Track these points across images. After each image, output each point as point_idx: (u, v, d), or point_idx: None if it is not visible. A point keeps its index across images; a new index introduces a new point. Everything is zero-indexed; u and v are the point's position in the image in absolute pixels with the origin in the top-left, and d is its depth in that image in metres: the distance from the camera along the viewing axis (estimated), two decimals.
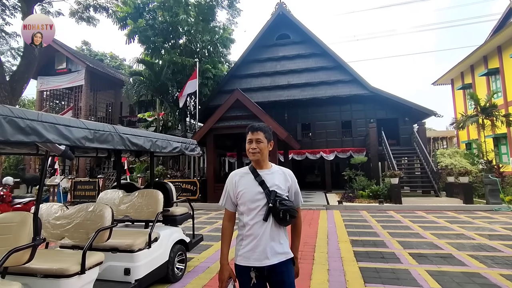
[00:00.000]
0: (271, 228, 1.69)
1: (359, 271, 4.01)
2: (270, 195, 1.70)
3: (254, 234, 1.69)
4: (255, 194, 1.73)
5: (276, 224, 1.70)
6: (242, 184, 1.78)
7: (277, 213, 1.66)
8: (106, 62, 28.72)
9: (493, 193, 9.75)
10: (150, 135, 3.45)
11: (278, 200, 1.69)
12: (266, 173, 1.79)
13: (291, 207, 1.70)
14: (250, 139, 1.83)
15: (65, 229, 2.84)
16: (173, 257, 3.67)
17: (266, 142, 1.82)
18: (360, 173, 13.42)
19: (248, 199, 1.73)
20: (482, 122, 12.54)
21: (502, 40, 15.90)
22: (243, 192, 1.75)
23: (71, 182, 13.31)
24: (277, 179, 1.78)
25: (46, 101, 19.28)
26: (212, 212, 10.20)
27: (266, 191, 1.72)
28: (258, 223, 1.69)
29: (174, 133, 17.52)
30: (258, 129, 1.84)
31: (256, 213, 1.71)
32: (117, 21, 15.79)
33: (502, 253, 4.73)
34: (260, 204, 1.71)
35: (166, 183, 4.38)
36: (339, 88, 15.73)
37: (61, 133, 2.13)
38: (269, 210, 1.68)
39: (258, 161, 1.81)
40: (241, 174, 1.84)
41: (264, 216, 1.68)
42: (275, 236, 1.70)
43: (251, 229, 1.70)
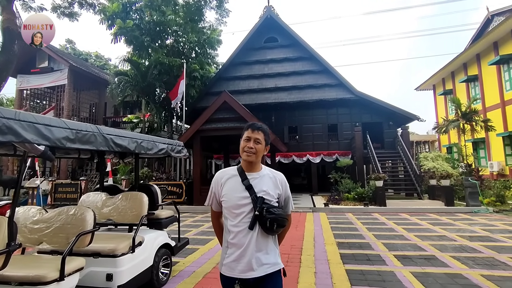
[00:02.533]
0: (257, 238, 1.56)
1: (346, 274, 4.03)
2: (257, 202, 1.56)
3: (239, 243, 1.56)
4: (240, 199, 1.59)
5: (262, 233, 1.57)
6: (227, 186, 1.65)
7: (264, 222, 1.53)
8: (90, 62, 28.05)
9: (473, 195, 10.08)
10: (135, 136, 3.36)
11: (266, 207, 1.55)
12: (254, 177, 1.65)
13: (280, 215, 1.56)
14: (248, 137, 1.67)
15: (43, 234, 2.71)
16: (157, 261, 3.57)
17: (264, 144, 1.69)
18: (346, 175, 13.60)
19: (232, 204, 1.60)
20: (463, 127, 12.97)
21: (481, 48, 16.57)
22: (228, 195, 1.62)
23: (51, 184, 12.86)
24: (265, 184, 1.64)
25: (26, 101, 18.60)
26: (198, 215, 10.06)
27: (253, 196, 1.58)
28: (243, 232, 1.56)
29: (160, 134, 17.25)
30: (259, 128, 1.69)
31: (240, 219, 1.58)
32: (103, 20, 15.45)
33: (482, 254, 4.87)
34: (245, 211, 1.58)
35: (151, 185, 4.28)
36: (325, 92, 15.93)
37: (40, 133, 2.02)
38: (255, 218, 1.55)
39: (251, 163, 1.67)
40: (228, 176, 1.69)
41: (250, 224, 1.55)
42: (261, 246, 1.57)
43: (235, 238, 1.57)
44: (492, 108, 15.82)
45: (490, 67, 15.83)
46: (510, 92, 14.61)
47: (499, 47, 15.35)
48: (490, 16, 17.67)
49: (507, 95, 14.78)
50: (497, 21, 16.48)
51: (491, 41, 15.60)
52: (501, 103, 15.08)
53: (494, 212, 9.42)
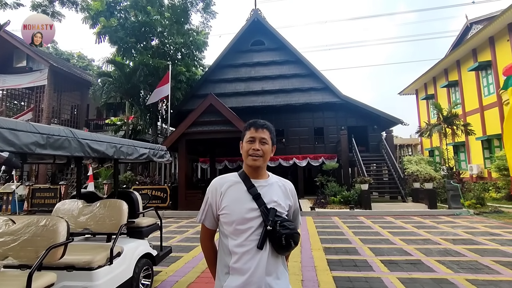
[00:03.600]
0: (268, 259, 1.27)
1: (333, 281, 3.96)
2: (268, 215, 1.29)
3: (244, 268, 1.25)
4: (246, 212, 1.30)
5: (273, 252, 1.29)
6: (229, 196, 1.34)
7: (278, 238, 1.25)
8: (73, 62, 27.22)
9: (455, 198, 10.30)
10: (114, 140, 3.19)
11: (279, 221, 1.28)
12: (262, 185, 1.38)
13: (295, 231, 1.29)
14: (252, 137, 1.39)
15: (8, 247, 2.49)
16: (138, 272, 3.39)
17: (270, 144, 1.42)
18: (331, 179, 13.67)
19: (237, 218, 1.30)
20: (445, 131, 13.30)
21: (461, 55, 17.12)
22: (230, 208, 1.32)
23: (29, 189, 12.31)
24: (275, 194, 1.38)
25: (1, 101, 17.80)
26: (183, 220, 9.83)
27: (262, 208, 1.30)
28: (250, 252, 1.26)
29: (145, 137, 16.90)
30: (264, 126, 1.41)
31: (246, 237, 1.28)
32: (87, 19, 15.01)
33: (466, 257, 4.92)
34: (253, 226, 1.29)
35: (132, 192, 4.09)
36: (312, 95, 16.02)
37: (4, 138, 1.85)
38: (265, 234, 1.27)
39: (257, 169, 1.39)
40: (229, 183, 1.38)
41: (259, 243, 1.26)
42: (271, 269, 1.28)
43: (240, 261, 1.26)
44: (472, 112, 16.34)
45: (470, 73, 16.37)
46: (488, 97, 15.13)
47: (477, 54, 15.90)
48: (469, 24, 18.32)
49: (486, 100, 15.29)
50: (476, 29, 17.09)
51: (470, 48, 16.15)
52: (479, 108, 15.60)
53: (475, 214, 9.65)
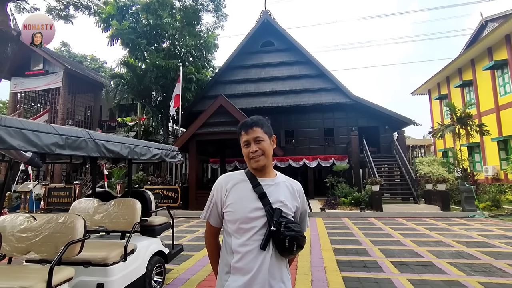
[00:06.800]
0: (271, 261, 1.23)
1: (342, 281, 3.97)
2: (273, 215, 1.25)
3: (246, 268, 1.22)
4: (251, 211, 1.27)
5: (276, 254, 1.25)
6: (234, 194, 1.32)
7: (281, 240, 1.22)
8: (86, 64, 27.92)
9: (468, 200, 10.09)
10: (128, 141, 3.29)
11: (284, 222, 1.24)
12: (268, 183, 1.34)
13: (300, 234, 1.25)
14: (246, 140, 1.36)
15: (31, 243, 2.62)
16: (150, 270, 3.49)
17: (267, 138, 1.38)
18: (342, 180, 13.57)
19: (241, 216, 1.27)
20: (458, 132, 13.03)
21: (475, 54, 16.74)
22: (235, 206, 1.30)
23: (45, 188, 12.69)
24: (282, 194, 1.34)
25: (20, 103, 18.40)
26: (193, 220, 9.96)
27: (267, 208, 1.27)
28: (253, 252, 1.23)
29: (156, 138, 17.17)
30: (252, 124, 1.37)
31: (249, 237, 1.25)
32: (99, 23, 15.39)
33: (479, 260, 4.84)
34: (257, 226, 1.26)
35: (145, 191, 4.20)
36: (322, 96, 15.94)
37: (27, 139, 1.96)
38: (269, 235, 1.24)
39: (263, 167, 1.36)
40: (235, 181, 1.36)
41: (262, 243, 1.22)
42: (275, 271, 1.24)
43: (242, 260, 1.23)
44: (487, 112, 15.95)
45: (485, 72, 15.99)
46: (504, 97, 14.75)
47: (493, 52, 15.52)
48: (484, 22, 17.88)
49: (502, 100, 14.91)
50: (491, 27, 16.67)
51: (486, 47, 15.77)
52: (495, 108, 15.21)
53: (490, 217, 9.44)
